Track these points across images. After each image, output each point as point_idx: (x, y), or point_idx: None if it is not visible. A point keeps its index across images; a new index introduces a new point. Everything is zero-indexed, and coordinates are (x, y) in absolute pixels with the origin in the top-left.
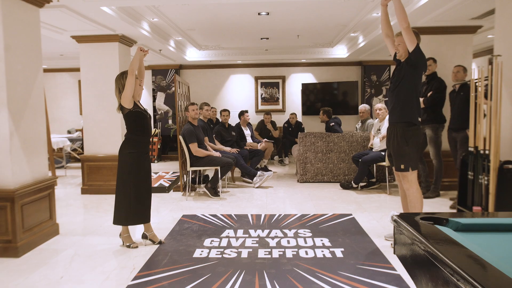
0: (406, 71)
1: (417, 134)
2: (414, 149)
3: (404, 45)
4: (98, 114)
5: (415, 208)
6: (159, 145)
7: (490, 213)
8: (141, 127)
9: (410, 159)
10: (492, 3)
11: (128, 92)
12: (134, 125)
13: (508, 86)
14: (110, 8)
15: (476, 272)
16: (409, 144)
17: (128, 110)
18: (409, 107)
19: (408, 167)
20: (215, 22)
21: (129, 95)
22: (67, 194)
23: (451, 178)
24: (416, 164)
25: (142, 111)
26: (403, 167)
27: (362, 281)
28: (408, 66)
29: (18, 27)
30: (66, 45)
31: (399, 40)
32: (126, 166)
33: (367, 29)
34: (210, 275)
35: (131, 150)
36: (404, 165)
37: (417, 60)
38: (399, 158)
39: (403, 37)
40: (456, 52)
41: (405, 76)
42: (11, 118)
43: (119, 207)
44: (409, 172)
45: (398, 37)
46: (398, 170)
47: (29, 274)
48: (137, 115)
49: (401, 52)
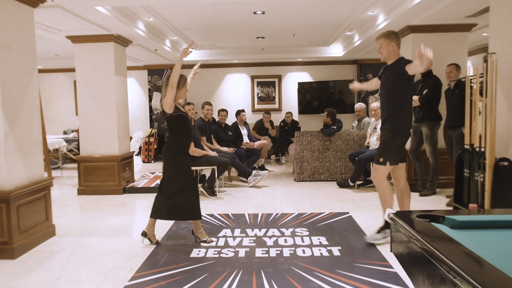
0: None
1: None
2: (399, 146)
3: (386, 47)
4: (94, 115)
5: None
6: (156, 145)
7: (486, 210)
8: (183, 128)
9: (391, 154)
10: (486, 1)
11: (169, 101)
12: (176, 127)
13: (503, 84)
14: (105, 8)
15: (472, 269)
16: (396, 140)
17: (170, 114)
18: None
19: (387, 161)
20: (211, 21)
21: (170, 103)
22: (63, 195)
23: (447, 175)
24: (396, 160)
25: (183, 114)
26: (382, 160)
27: (359, 279)
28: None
29: (11, 28)
30: (61, 45)
31: (380, 43)
32: (173, 167)
33: (362, 27)
34: (208, 275)
35: (176, 150)
36: (383, 159)
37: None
38: (382, 150)
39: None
40: (451, 50)
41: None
42: (6, 119)
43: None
44: (385, 166)
45: (378, 40)
46: (377, 162)
47: (26, 275)
48: (178, 118)
49: (384, 55)
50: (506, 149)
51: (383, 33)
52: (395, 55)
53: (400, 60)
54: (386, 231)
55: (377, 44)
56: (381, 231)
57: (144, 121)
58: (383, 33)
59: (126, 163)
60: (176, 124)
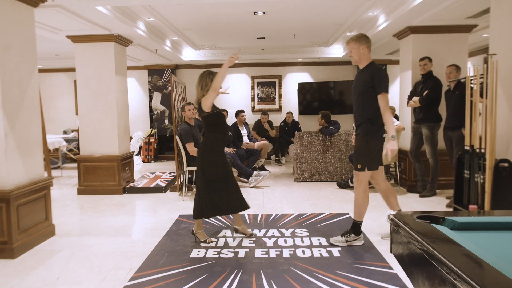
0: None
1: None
2: (374, 150)
3: (356, 51)
4: (94, 114)
5: (358, 207)
6: (156, 145)
7: (486, 212)
8: (220, 126)
9: (368, 159)
10: (487, 2)
11: (209, 103)
12: (213, 125)
13: (503, 85)
14: (105, 8)
15: (472, 271)
16: (369, 145)
17: (208, 113)
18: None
19: (365, 167)
20: (211, 21)
21: (210, 104)
22: (63, 195)
23: (447, 176)
24: (374, 165)
25: (220, 111)
26: (360, 167)
27: (359, 280)
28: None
29: (12, 27)
30: (62, 45)
31: (350, 47)
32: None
33: (363, 28)
34: (207, 275)
35: (214, 148)
36: (361, 165)
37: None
38: (358, 157)
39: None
40: (452, 51)
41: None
42: (6, 119)
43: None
44: (364, 172)
45: (349, 45)
46: (355, 168)
47: (25, 275)
48: (216, 116)
49: (355, 58)
50: (506, 150)
51: (353, 37)
52: (366, 58)
53: (370, 66)
54: (351, 235)
55: (348, 48)
56: (345, 235)
57: (144, 121)
58: (353, 37)
59: (126, 163)
60: (215, 121)
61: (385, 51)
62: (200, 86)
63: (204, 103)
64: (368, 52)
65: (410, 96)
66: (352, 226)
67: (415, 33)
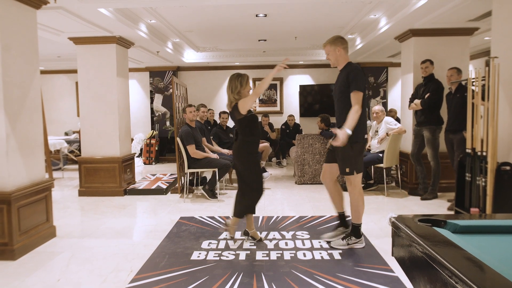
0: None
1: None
2: (358, 153)
3: (333, 53)
4: (95, 116)
5: (356, 211)
6: (157, 147)
7: (488, 215)
8: (254, 129)
9: (355, 162)
10: (489, 5)
11: (248, 106)
12: (248, 128)
13: (505, 88)
14: (107, 10)
15: (474, 274)
16: (354, 148)
17: (244, 115)
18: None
19: (353, 170)
20: (213, 23)
21: (249, 107)
22: (64, 196)
23: (448, 179)
24: (361, 167)
25: (254, 114)
26: (348, 171)
27: (360, 283)
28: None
29: (14, 29)
30: (63, 46)
31: (327, 50)
32: (250, 166)
33: (364, 31)
34: (208, 278)
35: (249, 151)
36: (349, 169)
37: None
38: (344, 161)
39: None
40: (453, 54)
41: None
42: (8, 120)
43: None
44: (354, 175)
45: (325, 48)
46: (343, 173)
47: (26, 277)
48: (250, 119)
49: (332, 61)
50: (508, 153)
51: (328, 40)
52: (343, 60)
53: (347, 66)
54: (352, 238)
55: (325, 52)
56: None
57: (145, 123)
58: (328, 40)
59: (127, 164)
60: (250, 123)
61: (386, 54)
62: (230, 89)
63: (243, 105)
64: (345, 53)
65: (411, 99)
66: (351, 229)
67: (416, 35)
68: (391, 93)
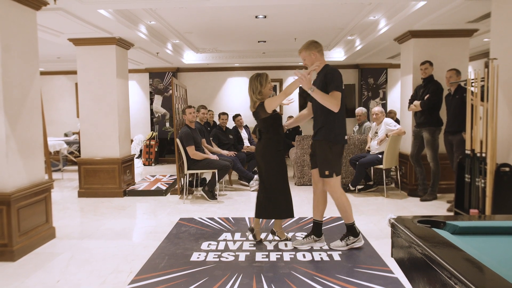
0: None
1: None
2: (338, 155)
3: (309, 58)
4: (95, 117)
5: (344, 211)
6: (156, 148)
7: (487, 216)
8: (278, 127)
9: (334, 165)
10: (488, 6)
11: (275, 105)
12: (272, 126)
13: (504, 89)
14: (107, 11)
15: (473, 275)
16: (333, 150)
17: (269, 114)
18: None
19: (332, 173)
20: (213, 25)
21: (275, 106)
22: (64, 197)
23: (448, 181)
24: (340, 170)
25: (278, 113)
26: (327, 173)
27: (360, 284)
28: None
29: (14, 30)
30: (63, 47)
31: (302, 56)
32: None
33: (363, 32)
34: (207, 279)
35: (275, 149)
36: (329, 171)
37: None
38: (323, 164)
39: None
40: (453, 55)
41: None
42: (7, 121)
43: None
44: (333, 178)
45: (301, 54)
46: (322, 176)
47: (25, 278)
48: (275, 117)
49: (309, 65)
50: (507, 154)
51: (303, 46)
52: (319, 63)
53: (324, 68)
54: (350, 238)
55: (301, 57)
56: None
57: (145, 124)
58: (303, 46)
59: (126, 165)
60: (274, 122)
61: (386, 55)
62: (251, 91)
63: (270, 104)
64: (321, 56)
65: (411, 100)
66: (347, 229)
67: (416, 37)
68: (391, 95)
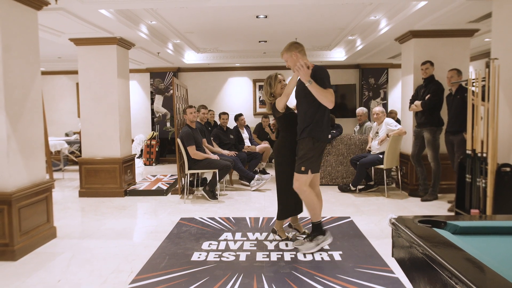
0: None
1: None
2: (319, 153)
3: (290, 60)
4: (96, 117)
5: (312, 209)
6: (157, 148)
7: (488, 216)
8: (293, 125)
9: (312, 162)
10: (489, 6)
11: (281, 104)
12: (286, 124)
13: (505, 89)
14: (108, 11)
15: (474, 275)
16: (315, 147)
17: (282, 113)
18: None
19: (308, 169)
20: (214, 25)
21: (282, 105)
22: (65, 197)
23: (449, 181)
24: (317, 168)
25: (293, 111)
26: (303, 169)
27: (361, 284)
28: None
29: (15, 30)
30: (64, 47)
31: (285, 58)
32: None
33: (364, 32)
34: (208, 279)
35: (288, 146)
36: (305, 167)
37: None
38: (302, 159)
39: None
40: (454, 55)
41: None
42: (9, 121)
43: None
44: (308, 174)
45: (283, 56)
46: (298, 172)
47: (26, 277)
48: (288, 116)
49: (292, 66)
50: (508, 154)
51: (284, 48)
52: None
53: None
54: (319, 237)
55: (283, 59)
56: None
57: (146, 124)
58: (284, 48)
59: (127, 165)
60: (290, 120)
61: (387, 55)
62: (264, 93)
63: (277, 104)
64: (302, 56)
65: (412, 100)
66: (314, 228)
67: (416, 37)
68: (392, 95)
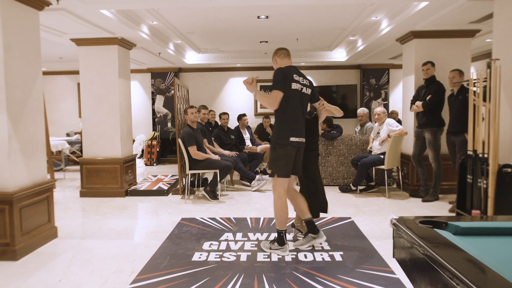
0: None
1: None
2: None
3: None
4: (97, 117)
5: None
6: (158, 148)
7: (489, 217)
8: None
9: (277, 165)
10: (490, 7)
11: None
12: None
13: (506, 90)
14: (109, 11)
15: (475, 276)
16: (276, 151)
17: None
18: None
19: (274, 173)
20: (215, 25)
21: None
22: (66, 197)
23: (450, 181)
24: (286, 173)
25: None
26: (270, 172)
27: (361, 284)
28: None
29: (17, 30)
30: (66, 47)
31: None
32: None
33: (365, 32)
34: (209, 279)
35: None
36: (272, 171)
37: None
38: (270, 162)
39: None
40: (455, 56)
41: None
42: (10, 121)
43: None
44: (275, 178)
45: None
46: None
47: (27, 277)
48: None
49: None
50: (509, 155)
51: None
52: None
53: None
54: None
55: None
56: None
57: (147, 124)
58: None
59: (128, 165)
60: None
61: (388, 56)
62: None
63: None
64: (281, 60)
65: (413, 101)
66: (277, 235)
67: (418, 37)
68: (393, 95)
